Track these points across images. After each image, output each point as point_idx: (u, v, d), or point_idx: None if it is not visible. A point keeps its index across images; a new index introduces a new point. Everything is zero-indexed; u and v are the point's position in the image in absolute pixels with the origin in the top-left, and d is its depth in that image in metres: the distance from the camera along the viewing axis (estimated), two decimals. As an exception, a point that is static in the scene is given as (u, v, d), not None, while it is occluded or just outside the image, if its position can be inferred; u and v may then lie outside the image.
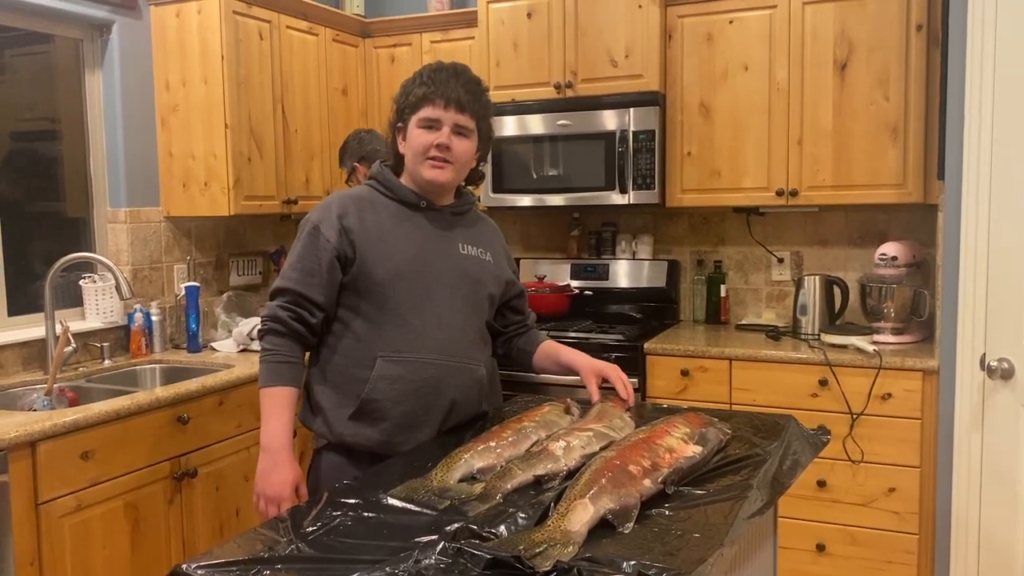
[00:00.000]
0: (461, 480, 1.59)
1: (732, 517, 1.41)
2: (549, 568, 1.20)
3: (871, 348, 3.04)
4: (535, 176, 3.62)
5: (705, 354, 3.22)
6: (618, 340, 3.35)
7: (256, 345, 3.33)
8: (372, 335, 1.89)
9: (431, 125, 1.92)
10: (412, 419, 1.89)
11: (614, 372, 2.04)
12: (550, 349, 2.16)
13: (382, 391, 1.86)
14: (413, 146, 1.93)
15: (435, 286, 1.93)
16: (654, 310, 3.82)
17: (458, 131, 1.93)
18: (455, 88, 1.92)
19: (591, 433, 1.73)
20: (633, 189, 3.46)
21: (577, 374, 2.08)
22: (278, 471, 1.85)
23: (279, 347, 1.89)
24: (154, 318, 3.31)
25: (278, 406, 1.87)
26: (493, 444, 1.69)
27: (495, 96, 3.65)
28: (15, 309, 3.05)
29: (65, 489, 2.36)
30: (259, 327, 1.95)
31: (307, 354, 1.98)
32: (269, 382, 1.88)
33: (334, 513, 1.46)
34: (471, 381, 1.98)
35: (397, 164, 2.01)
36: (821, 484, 3.10)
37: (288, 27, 3.58)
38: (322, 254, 1.88)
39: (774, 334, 3.42)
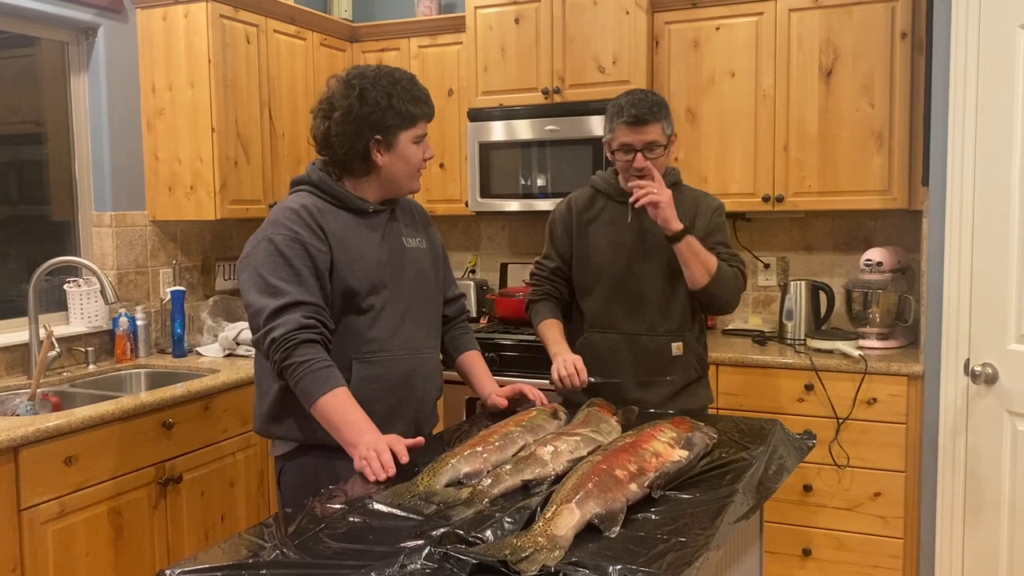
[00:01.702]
0: (448, 485, 1.58)
1: (718, 521, 1.41)
2: (535, 573, 1.20)
3: (857, 353, 3.06)
4: (523, 181, 3.62)
5: (692, 359, 3.22)
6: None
7: (242, 350, 3.34)
8: (345, 337, 1.90)
9: (421, 141, 1.99)
10: (389, 413, 1.93)
11: (524, 387, 2.16)
12: (469, 364, 2.22)
13: (363, 391, 1.87)
14: (411, 162, 1.97)
15: (399, 286, 1.98)
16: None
17: None
18: (431, 101, 2.01)
19: (578, 437, 1.73)
20: (620, 194, 3.46)
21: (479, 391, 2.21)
22: (381, 437, 1.75)
23: (316, 355, 1.79)
24: (139, 322, 3.29)
25: (348, 404, 1.78)
26: (480, 449, 1.69)
27: (483, 101, 3.68)
28: (-2, 313, 3.03)
29: (48, 495, 2.34)
30: (282, 343, 1.78)
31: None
32: (325, 388, 1.77)
33: (320, 518, 1.45)
34: (433, 368, 2.08)
35: (360, 174, 1.97)
36: (807, 489, 3.11)
37: (276, 31, 3.57)
38: (317, 263, 1.87)
39: (760, 339, 3.43)
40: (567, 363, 2.26)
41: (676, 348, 2.39)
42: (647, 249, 2.37)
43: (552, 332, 2.42)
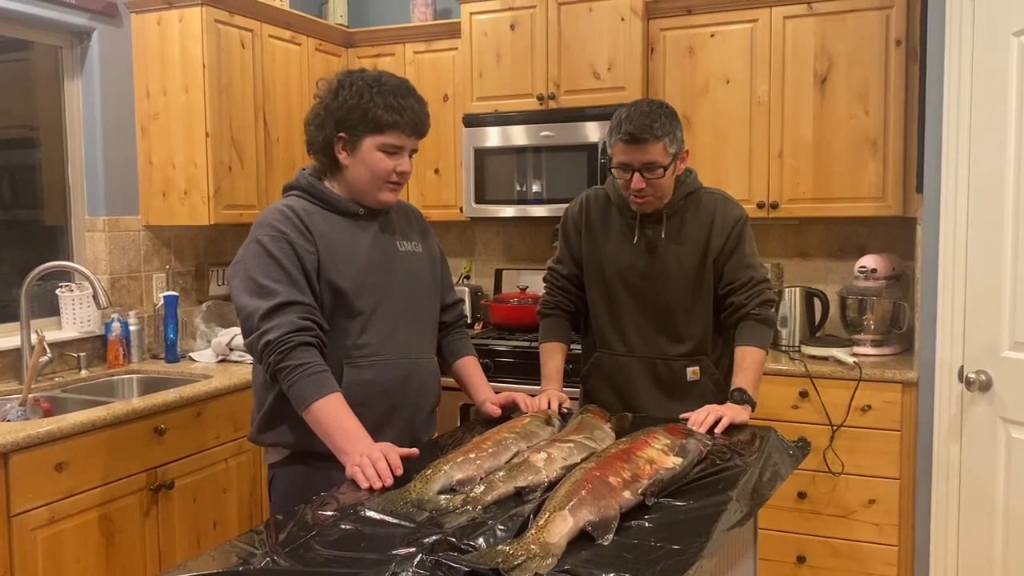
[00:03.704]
0: (440, 492, 1.57)
1: (712, 529, 1.40)
2: (528, 581, 1.19)
3: (851, 360, 3.05)
4: (518, 187, 3.62)
5: (686, 365, 3.21)
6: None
7: (236, 356, 3.32)
8: (336, 341, 1.89)
9: (394, 152, 1.92)
10: (382, 419, 1.91)
11: (518, 396, 2.14)
12: (465, 370, 2.20)
13: (355, 396, 1.85)
14: (374, 170, 1.91)
15: (391, 289, 1.96)
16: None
17: (411, 154, 1.97)
18: (419, 115, 1.93)
19: (572, 444, 1.72)
20: (615, 201, 3.45)
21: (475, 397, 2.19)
22: (374, 445, 1.73)
23: (312, 359, 1.78)
24: (132, 328, 3.28)
25: (342, 410, 1.77)
26: (473, 455, 1.68)
27: (478, 107, 3.68)
28: (-10, 318, 3.01)
29: (38, 501, 2.32)
30: (277, 346, 1.77)
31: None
32: (320, 393, 1.76)
33: (311, 525, 1.44)
34: (429, 374, 2.05)
35: (329, 170, 1.97)
36: (801, 496, 3.10)
37: (271, 36, 3.57)
38: (305, 262, 1.86)
39: (755, 346, 3.42)
40: (542, 401, 2.18)
41: (691, 373, 2.26)
42: (659, 269, 2.24)
43: (550, 363, 2.35)
